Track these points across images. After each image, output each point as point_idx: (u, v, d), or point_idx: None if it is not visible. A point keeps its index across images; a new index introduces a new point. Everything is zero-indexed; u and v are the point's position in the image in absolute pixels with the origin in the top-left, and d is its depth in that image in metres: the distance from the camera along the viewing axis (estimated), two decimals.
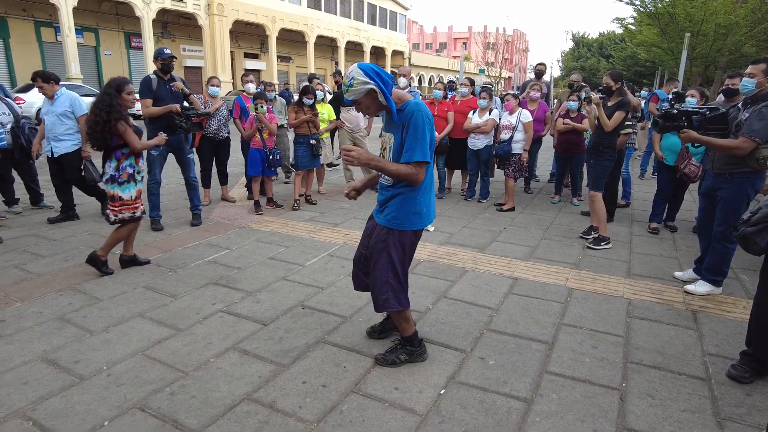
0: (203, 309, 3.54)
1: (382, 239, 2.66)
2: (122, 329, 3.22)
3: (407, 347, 2.88)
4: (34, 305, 3.53)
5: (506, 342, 3.15)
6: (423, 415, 2.44)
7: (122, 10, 24.60)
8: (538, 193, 7.73)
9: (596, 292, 3.97)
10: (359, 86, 2.43)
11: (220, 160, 6.68)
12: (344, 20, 37.70)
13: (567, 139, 6.65)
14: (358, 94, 2.45)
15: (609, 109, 4.98)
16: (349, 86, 2.45)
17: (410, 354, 2.88)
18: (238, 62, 31.66)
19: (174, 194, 6.93)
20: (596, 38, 62.66)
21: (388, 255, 2.66)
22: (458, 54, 62.63)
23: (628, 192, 7.01)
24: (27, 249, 4.70)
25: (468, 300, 3.76)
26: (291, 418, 2.40)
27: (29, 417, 2.36)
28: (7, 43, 21.80)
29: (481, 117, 6.69)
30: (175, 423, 2.34)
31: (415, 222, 2.66)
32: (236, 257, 4.59)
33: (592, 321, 3.46)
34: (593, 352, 3.05)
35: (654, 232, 5.64)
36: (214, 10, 26.98)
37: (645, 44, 23.75)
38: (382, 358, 2.87)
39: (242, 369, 2.80)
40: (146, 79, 5.07)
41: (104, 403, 2.48)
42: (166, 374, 2.73)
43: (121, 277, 4.06)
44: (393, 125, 2.58)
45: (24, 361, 2.83)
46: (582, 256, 4.81)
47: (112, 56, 25.91)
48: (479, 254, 4.81)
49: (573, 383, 2.72)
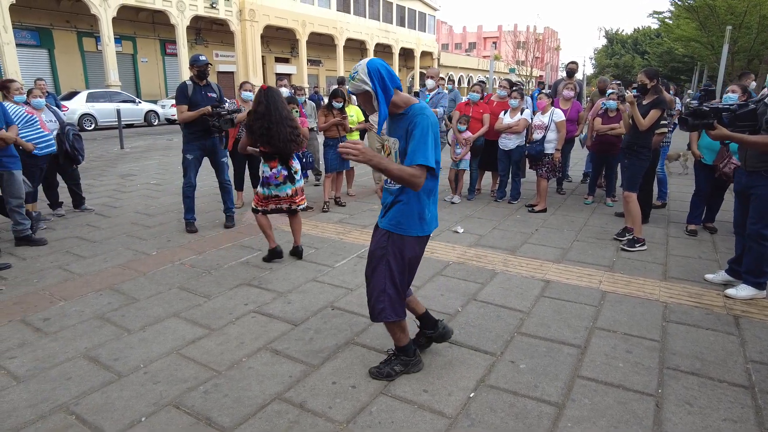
0: (236, 309, 3.61)
1: (382, 245, 2.57)
2: (158, 328, 3.32)
3: (402, 357, 2.78)
4: (77, 304, 3.68)
5: (537, 345, 3.11)
6: (452, 417, 2.43)
7: (158, 19, 25.39)
8: (571, 194, 7.58)
9: (631, 295, 3.87)
10: (358, 83, 2.38)
11: (252, 164, 6.81)
12: (373, 22, 37.86)
13: (604, 139, 6.51)
14: (356, 89, 2.41)
15: (644, 108, 4.85)
16: (351, 78, 2.42)
17: (405, 364, 2.78)
18: (269, 66, 32.22)
19: (208, 197, 7.10)
20: (630, 34, 60.95)
21: (387, 263, 2.56)
22: (488, 53, 61.98)
23: (664, 192, 6.80)
24: (70, 250, 4.90)
25: (498, 303, 3.73)
26: (321, 418, 2.43)
27: (72, 411, 2.47)
28: (52, 54, 22.82)
29: (512, 117, 6.61)
30: (209, 421, 2.40)
31: (417, 227, 2.53)
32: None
33: (627, 325, 3.38)
34: (627, 356, 2.97)
35: (692, 233, 5.45)
36: (246, 15, 27.54)
37: (683, 39, 23.05)
38: (376, 372, 2.76)
39: (273, 369, 2.85)
40: (182, 85, 5.21)
41: (141, 399, 2.56)
42: (200, 373, 2.80)
43: (157, 278, 4.19)
44: (397, 129, 2.49)
45: (67, 357, 2.95)
46: (616, 258, 4.70)
47: (148, 63, 26.78)
48: (510, 256, 4.76)
49: (606, 388, 2.66)
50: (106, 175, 9.15)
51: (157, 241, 5.19)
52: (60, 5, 22.09)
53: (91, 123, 18.09)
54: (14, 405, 2.50)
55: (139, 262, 4.57)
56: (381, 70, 2.38)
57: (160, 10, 23.91)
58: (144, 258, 4.68)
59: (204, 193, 7.26)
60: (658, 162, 6.26)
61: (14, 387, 2.66)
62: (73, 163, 6.10)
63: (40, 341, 3.14)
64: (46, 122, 5.68)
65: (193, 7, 25.08)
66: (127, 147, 13.25)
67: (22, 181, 4.94)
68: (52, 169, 6.01)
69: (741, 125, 3.65)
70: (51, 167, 5.94)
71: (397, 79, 2.43)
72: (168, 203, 6.88)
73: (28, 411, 2.46)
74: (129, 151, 12.72)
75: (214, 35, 29.29)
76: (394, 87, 2.40)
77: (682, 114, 4.09)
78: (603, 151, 6.65)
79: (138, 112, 20.09)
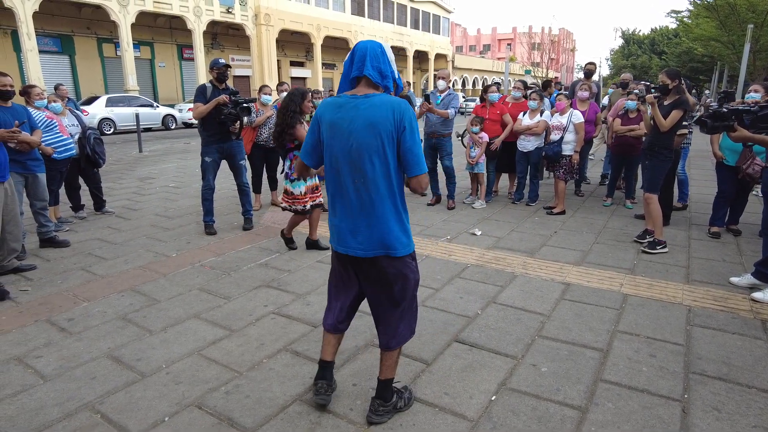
0: (256, 310, 3.64)
1: None
2: (179, 329, 3.36)
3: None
4: (99, 305, 3.74)
5: (559, 349, 3.07)
6: (474, 420, 2.41)
7: (175, 24, 25.77)
8: (590, 196, 7.50)
9: (653, 298, 3.81)
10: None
11: (270, 167, 6.86)
12: (387, 26, 37.95)
13: (624, 140, 6.43)
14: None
15: (665, 108, 4.78)
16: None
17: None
18: (284, 70, 32.47)
19: (227, 200, 7.17)
20: (647, 34, 60.21)
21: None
22: (503, 55, 61.72)
23: (685, 194, 6.69)
24: (92, 252, 4.98)
25: (518, 306, 3.69)
26: (342, 419, 2.43)
27: (98, 410, 2.50)
28: (73, 60, 23.30)
29: (531, 118, 6.57)
30: (231, 421, 2.42)
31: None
32: (286, 260, 4.70)
33: (650, 328, 3.32)
34: (651, 360, 2.93)
35: (715, 236, 5.35)
36: (262, 20, 27.80)
37: (702, 38, 22.70)
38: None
39: (294, 370, 2.86)
40: (202, 86, 5.28)
41: (164, 399, 2.59)
42: (222, 374, 2.82)
43: (177, 279, 4.24)
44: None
45: (92, 357, 3.00)
46: (637, 261, 4.63)
47: (165, 68, 27.18)
48: (529, 259, 4.72)
49: (630, 392, 2.62)
50: (126, 178, 9.29)
51: (177, 243, 5.26)
52: (81, 12, 22.53)
53: (110, 127, 18.41)
54: (42, 403, 2.55)
55: (160, 263, 4.63)
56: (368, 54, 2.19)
57: (177, 15, 24.27)
58: (164, 260, 4.74)
59: (222, 196, 7.33)
60: (679, 163, 6.16)
61: (41, 385, 2.70)
62: (94, 167, 6.20)
63: (65, 341, 3.19)
64: (68, 126, 5.79)
65: (209, 12, 25.41)
66: (146, 150, 13.45)
67: (46, 185, 5.05)
68: (74, 173, 6.12)
69: (762, 126, 3.58)
70: (73, 171, 6.04)
71: (367, 67, 2.17)
72: (187, 206, 6.96)
73: (55, 409, 2.50)
74: (147, 154, 12.90)
75: (230, 40, 29.63)
76: (355, 76, 2.22)
77: (702, 116, 4.03)
78: (622, 153, 6.57)
79: (156, 116, 20.39)
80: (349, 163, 2.16)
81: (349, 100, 2.16)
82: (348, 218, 2.23)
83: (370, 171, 2.14)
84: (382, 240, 2.20)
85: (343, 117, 2.15)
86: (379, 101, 2.13)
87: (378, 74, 2.18)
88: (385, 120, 2.10)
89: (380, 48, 2.20)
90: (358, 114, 2.12)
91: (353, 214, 2.21)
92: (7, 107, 4.51)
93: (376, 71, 2.17)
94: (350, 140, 2.13)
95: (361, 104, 2.13)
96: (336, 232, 2.30)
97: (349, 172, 2.17)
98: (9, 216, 4.18)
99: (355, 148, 2.13)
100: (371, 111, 2.11)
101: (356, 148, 2.13)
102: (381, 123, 2.10)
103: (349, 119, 2.13)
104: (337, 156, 2.18)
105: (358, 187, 2.17)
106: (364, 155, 2.13)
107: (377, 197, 2.17)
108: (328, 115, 2.19)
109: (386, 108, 2.11)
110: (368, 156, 2.12)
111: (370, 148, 2.12)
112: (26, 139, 4.54)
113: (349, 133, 2.13)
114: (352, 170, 2.16)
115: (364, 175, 2.15)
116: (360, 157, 2.13)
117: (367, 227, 2.20)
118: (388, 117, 2.10)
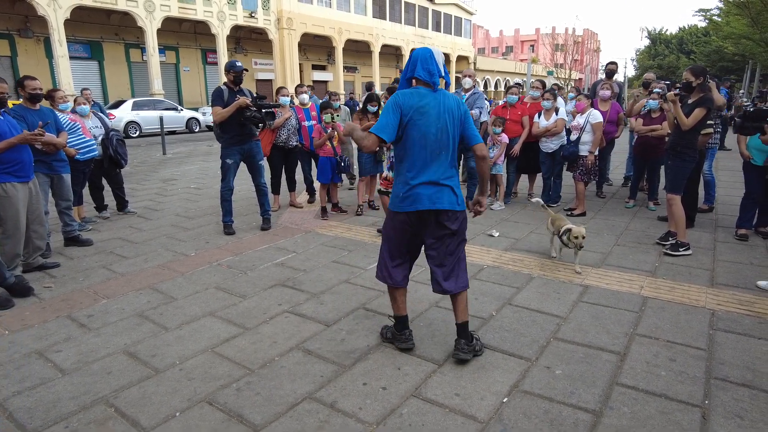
0: (270, 309, 3.66)
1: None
2: (194, 327, 3.40)
3: (393, 326, 3.13)
4: (118, 302, 3.81)
5: (574, 351, 3.01)
6: (484, 422, 2.38)
7: (199, 29, 26.25)
8: (612, 198, 7.35)
9: (674, 301, 3.70)
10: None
11: (289, 168, 6.91)
12: (409, 28, 37.97)
13: (646, 141, 6.29)
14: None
15: (688, 107, 4.65)
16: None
17: (394, 336, 3.10)
18: (306, 74, 32.74)
19: (246, 200, 7.25)
20: (675, 34, 58.84)
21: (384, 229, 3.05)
22: (525, 57, 61.10)
23: (711, 195, 6.50)
24: (113, 251, 5.09)
25: (534, 307, 3.63)
26: (351, 418, 2.42)
27: (112, 404, 2.54)
28: (102, 65, 23.95)
29: (547, 119, 6.48)
30: (240, 418, 2.43)
31: (394, 203, 2.87)
32: (302, 260, 4.72)
33: (670, 332, 3.23)
34: (670, 365, 2.84)
35: (742, 238, 5.17)
36: (284, 24, 28.13)
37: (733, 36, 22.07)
38: (382, 328, 3.23)
39: (305, 368, 2.86)
40: (218, 89, 5.35)
41: (176, 395, 2.62)
42: (233, 371, 2.84)
43: (194, 278, 4.29)
44: None
45: (108, 353, 3.05)
46: (658, 264, 4.51)
47: (190, 72, 27.70)
48: (547, 261, 4.64)
49: (647, 397, 2.55)
50: (149, 180, 9.48)
51: (196, 242, 5.33)
52: (110, 19, 23.14)
53: (136, 130, 18.83)
54: (59, 396, 2.61)
55: (178, 262, 4.70)
56: (418, 57, 2.82)
57: (201, 20, 24.73)
58: (183, 259, 4.81)
59: (241, 197, 7.41)
60: (705, 164, 5.99)
61: (59, 379, 2.76)
62: (116, 167, 6.34)
63: (83, 336, 3.26)
64: (92, 128, 5.94)
65: (233, 17, 25.82)
66: (170, 153, 13.71)
67: (70, 185, 5.18)
68: (98, 174, 6.27)
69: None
70: (96, 171, 6.19)
71: (418, 70, 2.80)
72: (207, 206, 7.06)
73: (72, 402, 2.55)
74: (171, 156, 13.15)
75: (252, 44, 30.04)
76: (409, 77, 2.83)
77: (736, 117, 3.91)
78: (645, 153, 6.42)
79: (180, 119, 20.77)
80: (436, 139, 2.76)
81: (427, 92, 2.77)
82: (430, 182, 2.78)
83: (451, 143, 2.80)
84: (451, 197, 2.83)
85: (428, 103, 2.74)
86: (447, 94, 2.83)
87: (427, 74, 2.77)
88: (456, 107, 2.80)
89: (429, 53, 2.81)
90: (438, 102, 2.75)
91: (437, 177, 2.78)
92: (35, 110, 4.66)
93: (426, 72, 2.77)
94: (438, 121, 2.74)
95: (438, 95, 2.77)
96: (413, 197, 2.78)
97: (436, 143, 2.76)
98: (34, 215, 4.30)
99: (442, 126, 2.75)
100: (446, 100, 2.77)
101: (442, 126, 2.75)
102: (454, 109, 2.79)
103: (435, 105, 2.74)
104: (426, 133, 2.74)
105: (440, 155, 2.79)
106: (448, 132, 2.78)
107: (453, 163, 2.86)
108: (414, 102, 2.73)
109: (453, 98, 2.83)
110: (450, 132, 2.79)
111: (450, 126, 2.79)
112: (51, 141, 4.67)
113: (437, 115, 2.74)
114: (437, 143, 2.76)
115: (447, 147, 2.79)
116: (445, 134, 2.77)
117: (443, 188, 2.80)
118: (456, 105, 2.81)
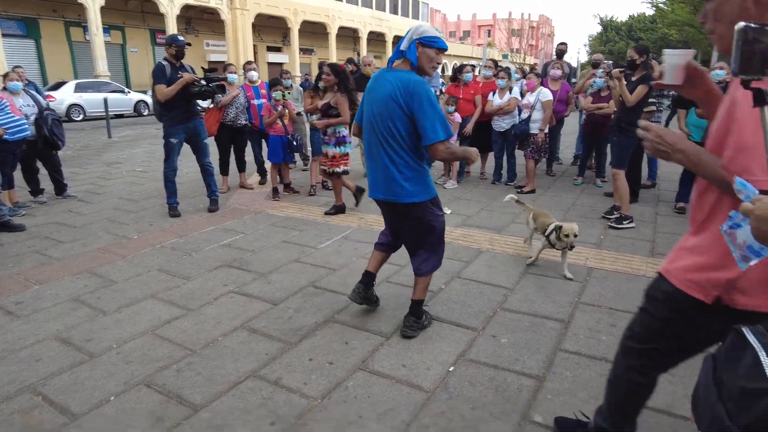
0: (215, 290, 3.54)
1: None
2: (134, 310, 3.25)
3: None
4: (52, 288, 3.60)
5: (520, 320, 3.05)
6: (430, 391, 2.38)
7: (147, 8, 24.98)
8: (561, 176, 7.51)
9: (618, 271, 3.82)
10: None
11: (238, 147, 6.70)
12: (366, 10, 37.47)
13: (594, 119, 6.44)
14: None
15: (633, 84, 4.78)
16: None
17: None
18: (261, 56, 31.85)
19: (193, 182, 6.99)
20: (625, 21, 60.57)
21: None
22: (482, 41, 61.59)
23: (654, 172, 6.74)
24: (49, 236, 4.80)
25: (482, 280, 3.67)
26: (295, 394, 2.37)
27: (39, 392, 2.39)
28: (39, 44, 22.43)
29: (501, 97, 6.52)
30: (180, 399, 2.34)
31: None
32: (250, 241, 4.60)
33: (612, 300, 3.33)
34: (611, 330, 2.92)
35: (681, 211, 5.40)
36: (237, 4, 27.15)
37: (677, 24, 22.92)
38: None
39: (249, 347, 2.78)
40: (160, 65, 5.08)
41: (112, 379, 2.49)
42: (174, 352, 2.73)
43: (136, 261, 4.11)
44: None
45: (38, 339, 2.88)
46: (604, 236, 4.65)
47: (138, 53, 26.41)
48: (496, 235, 4.70)
49: (588, 361, 2.61)
50: (92, 164, 9.01)
51: (139, 225, 5.10)
52: None
53: (79, 113, 17.84)
54: None
55: (120, 245, 4.49)
56: (413, 36, 2.63)
57: None
58: (124, 242, 4.59)
59: (189, 179, 7.16)
60: None
61: None
62: (52, 149, 5.97)
63: (10, 324, 3.06)
64: (23, 107, 5.55)
65: None
66: (115, 136, 13.07)
67: None
68: (32, 155, 5.88)
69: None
70: (30, 153, 5.81)
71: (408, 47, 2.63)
72: (152, 189, 6.78)
73: None
74: (117, 140, 12.55)
75: (204, 24, 28.87)
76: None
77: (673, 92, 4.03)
78: (593, 132, 6.58)
79: (127, 102, 19.82)
80: (379, 122, 2.73)
81: (384, 72, 2.71)
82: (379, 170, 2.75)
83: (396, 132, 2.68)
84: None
85: (375, 86, 2.72)
86: (401, 76, 2.59)
87: (398, 53, 2.66)
88: (399, 93, 2.59)
89: (410, 30, 2.65)
90: (386, 82, 2.63)
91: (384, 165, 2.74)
92: None
93: (396, 50, 2.66)
94: (380, 105, 2.67)
95: (389, 75, 2.65)
96: (370, 181, 2.84)
97: (381, 127, 2.73)
98: None
99: (382, 111, 2.66)
100: (392, 83, 2.60)
101: (382, 111, 2.66)
102: (397, 95, 2.58)
103: (379, 87, 2.68)
104: (371, 114, 2.75)
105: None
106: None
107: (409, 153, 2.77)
108: (371, 83, 2.76)
109: (400, 82, 2.58)
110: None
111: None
112: None
113: (381, 99, 2.65)
114: (382, 127, 2.71)
115: (393, 134, 2.69)
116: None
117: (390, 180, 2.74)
118: (400, 90, 2.60)
